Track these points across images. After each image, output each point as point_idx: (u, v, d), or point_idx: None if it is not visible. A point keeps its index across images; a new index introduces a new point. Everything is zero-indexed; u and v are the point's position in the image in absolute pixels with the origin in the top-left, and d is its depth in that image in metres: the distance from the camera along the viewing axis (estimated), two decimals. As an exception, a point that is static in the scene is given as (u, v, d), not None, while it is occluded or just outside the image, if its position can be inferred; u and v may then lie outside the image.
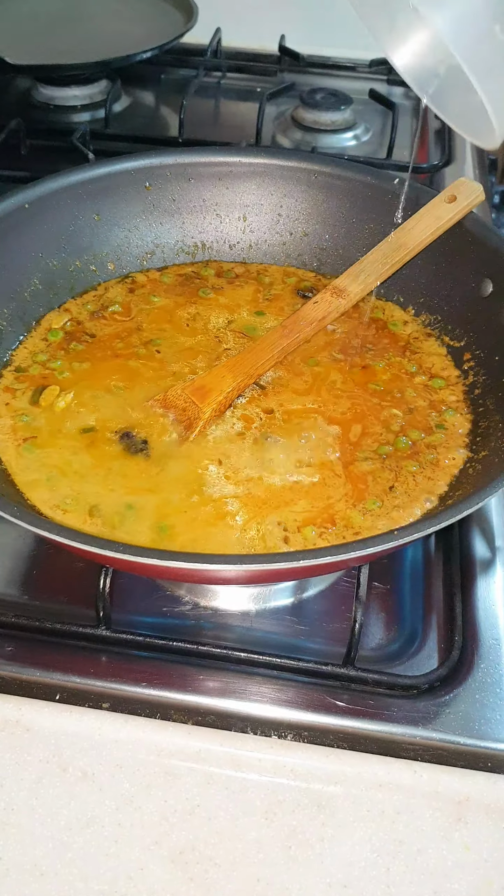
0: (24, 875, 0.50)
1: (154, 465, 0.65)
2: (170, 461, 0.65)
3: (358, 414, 0.70)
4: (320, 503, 0.63)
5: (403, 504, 0.63)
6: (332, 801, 0.53)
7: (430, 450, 0.67)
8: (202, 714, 0.57)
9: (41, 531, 0.50)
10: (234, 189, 0.84)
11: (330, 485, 0.64)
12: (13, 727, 0.55)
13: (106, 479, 0.63)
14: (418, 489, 0.64)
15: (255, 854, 0.51)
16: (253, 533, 0.60)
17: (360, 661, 0.58)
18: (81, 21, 1.28)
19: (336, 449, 0.66)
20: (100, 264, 0.81)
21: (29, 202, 0.75)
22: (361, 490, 0.64)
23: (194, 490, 0.63)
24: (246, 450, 0.66)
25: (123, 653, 0.60)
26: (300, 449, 0.66)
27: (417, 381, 0.73)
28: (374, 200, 0.81)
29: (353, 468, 0.65)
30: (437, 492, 0.64)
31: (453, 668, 0.59)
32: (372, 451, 0.67)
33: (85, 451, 0.66)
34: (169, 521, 0.61)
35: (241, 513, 0.62)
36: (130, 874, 0.50)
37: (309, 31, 1.44)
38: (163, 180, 0.82)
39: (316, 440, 0.67)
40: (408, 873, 0.51)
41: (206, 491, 0.63)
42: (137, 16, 1.28)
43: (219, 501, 0.62)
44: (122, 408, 0.69)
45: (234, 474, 0.64)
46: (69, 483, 0.63)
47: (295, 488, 0.64)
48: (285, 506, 0.62)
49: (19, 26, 1.25)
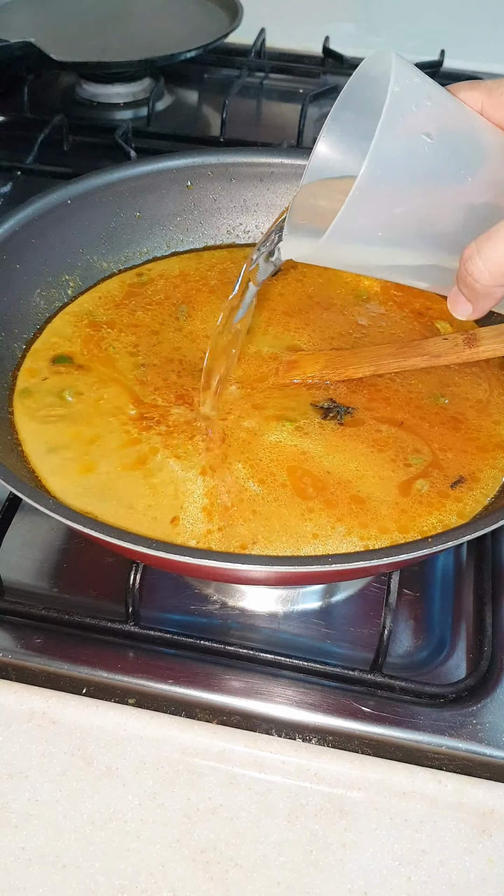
0: (46, 866, 0.50)
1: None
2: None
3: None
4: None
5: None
6: (354, 807, 0.53)
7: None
8: (227, 714, 0.57)
9: (74, 524, 0.51)
10: (275, 190, 0.83)
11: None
12: (40, 719, 0.56)
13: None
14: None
15: (277, 857, 0.51)
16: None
17: (387, 667, 0.58)
18: (126, 19, 1.29)
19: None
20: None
21: (71, 198, 0.76)
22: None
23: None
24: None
25: (151, 649, 0.60)
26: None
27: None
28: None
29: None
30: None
31: (482, 678, 0.58)
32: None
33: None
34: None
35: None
36: (151, 870, 0.50)
37: (353, 32, 1.44)
38: (204, 180, 0.82)
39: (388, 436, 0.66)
40: (429, 883, 0.50)
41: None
42: (182, 15, 1.29)
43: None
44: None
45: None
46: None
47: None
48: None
49: (65, 24, 1.26)
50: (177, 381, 0.69)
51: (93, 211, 0.78)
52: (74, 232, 0.76)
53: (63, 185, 0.76)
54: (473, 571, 0.66)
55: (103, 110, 1.22)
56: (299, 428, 0.65)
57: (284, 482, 0.61)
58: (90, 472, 0.62)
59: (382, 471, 0.63)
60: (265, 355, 0.72)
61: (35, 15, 1.28)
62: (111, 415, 0.66)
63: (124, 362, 0.71)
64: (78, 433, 0.64)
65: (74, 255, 0.77)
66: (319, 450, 0.64)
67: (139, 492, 0.60)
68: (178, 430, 0.65)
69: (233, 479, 0.61)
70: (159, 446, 0.63)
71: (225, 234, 0.84)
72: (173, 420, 0.65)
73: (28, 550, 0.67)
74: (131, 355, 0.71)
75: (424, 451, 0.64)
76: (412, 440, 0.65)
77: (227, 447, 0.64)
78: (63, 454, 0.63)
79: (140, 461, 0.62)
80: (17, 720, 0.56)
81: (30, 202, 0.73)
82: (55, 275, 0.75)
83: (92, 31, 1.25)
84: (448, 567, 0.67)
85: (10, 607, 0.61)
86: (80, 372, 0.70)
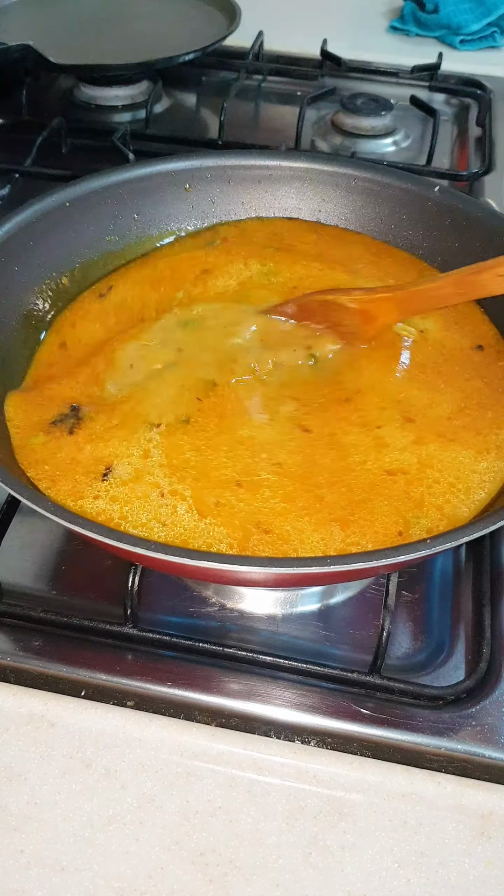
0: (45, 869, 0.50)
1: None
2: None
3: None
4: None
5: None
6: (353, 810, 0.53)
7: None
8: (226, 716, 0.57)
9: (73, 526, 0.51)
10: (274, 192, 0.84)
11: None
12: (38, 721, 0.55)
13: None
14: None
15: (276, 859, 0.51)
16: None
17: (386, 669, 0.58)
18: (124, 22, 1.29)
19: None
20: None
21: (70, 200, 0.76)
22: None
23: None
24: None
25: (149, 652, 0.60)
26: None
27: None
28: (413, 207, 0.81)
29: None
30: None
31: (480, 680, 0.58)
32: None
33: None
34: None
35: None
36: (150, 873, 0.50)
37: (351, 35, 1.44)
38: (203, 182, 0.82)
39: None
40: (428, 885, 0.50)
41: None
42: (180, 18, 1.29)
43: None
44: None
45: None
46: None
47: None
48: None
49: (63, 26, 1.27)
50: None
51: (91, 213, 0.78)
52: (73, 234, 0.76)
53: (61, 188, 0.76)
54: (472, 573, 0.66)
55: (102, 113, 1.23)
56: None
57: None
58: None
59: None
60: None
61: (33, 18, 1.28)
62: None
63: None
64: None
65: (73, 257, 0.77)
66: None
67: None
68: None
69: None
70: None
71: (223, 237, 0.84)
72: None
73: (27, 553, 0.67)
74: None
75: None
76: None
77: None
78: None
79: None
80: (16, 723, 0.55)
81: (28, 205, 0.73)
82: (54, 277, 0.75)
83: (90, 34, 1.25)
84: (447, 569, 0.67)
85: (8, 610, 0.61)
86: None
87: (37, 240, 0.73)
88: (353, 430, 0.63)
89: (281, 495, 0.58)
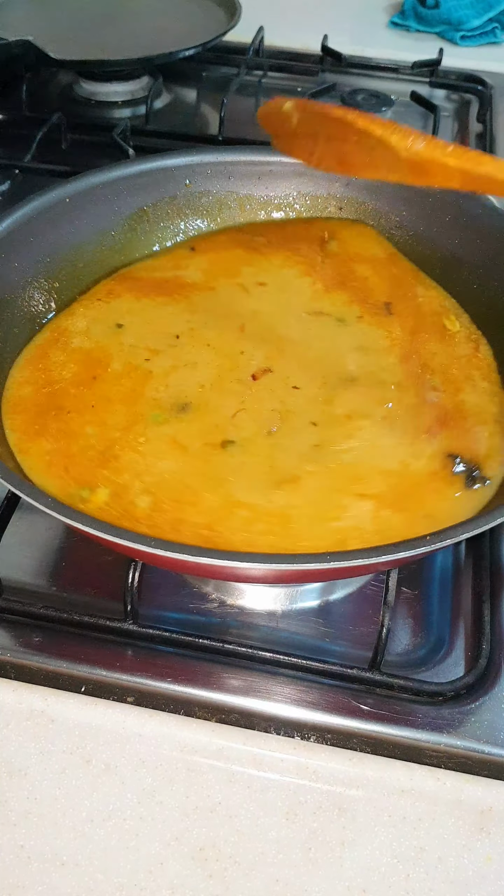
0: (45, 864, 0.50)
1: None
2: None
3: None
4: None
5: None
6: (353, 805, 0.53)
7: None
8: (226, 712, 0.57)
9: (73, 522, 0.50)
10: (274, 188, 0.83)
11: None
12: (38, 717, 0.56)
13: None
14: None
15: (275, 854, 0.51)
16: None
17: (385, 665, 0.58)
18: (124, 17, 1.28)
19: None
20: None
21: (69, 196, 0.75)
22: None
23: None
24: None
25: (149, 647, 0.60)
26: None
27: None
28: (412, 203, 0.81)
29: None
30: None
31: (480, 676, 0.58)
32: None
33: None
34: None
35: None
36: (150, 868, 0.50)
37: (352, 31, 1.44)
38: (203, 178, 0.82)
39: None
40: (427, 881, 0.50)
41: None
42: (181, 13, 1.28)
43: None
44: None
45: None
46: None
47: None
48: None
49: (63, 22, 1.26)
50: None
51: (91, 209, 0.77)
52: (73, 230, 0.76)
53: (61, 184, 0.76)
54: (472, 569, 0.66)
55: (101, 108, 1.22)
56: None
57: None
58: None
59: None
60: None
61: (33, 13, 1.28)
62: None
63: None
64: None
65: (73, 252, 0.77)
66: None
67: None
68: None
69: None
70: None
71: (223, 233, 0.84)
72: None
73: (26, 549, 0.67)
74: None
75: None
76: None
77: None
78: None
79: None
80: (16, 718, 0.56)
81: (28, 200, 0.73)
82: (54, 273, 0.75)
83: (90, 30, 1.24)
84: (447, 565, 0.67)
85: (8, 606, 0.61)
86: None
87: (36, 235, 0.73)
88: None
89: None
